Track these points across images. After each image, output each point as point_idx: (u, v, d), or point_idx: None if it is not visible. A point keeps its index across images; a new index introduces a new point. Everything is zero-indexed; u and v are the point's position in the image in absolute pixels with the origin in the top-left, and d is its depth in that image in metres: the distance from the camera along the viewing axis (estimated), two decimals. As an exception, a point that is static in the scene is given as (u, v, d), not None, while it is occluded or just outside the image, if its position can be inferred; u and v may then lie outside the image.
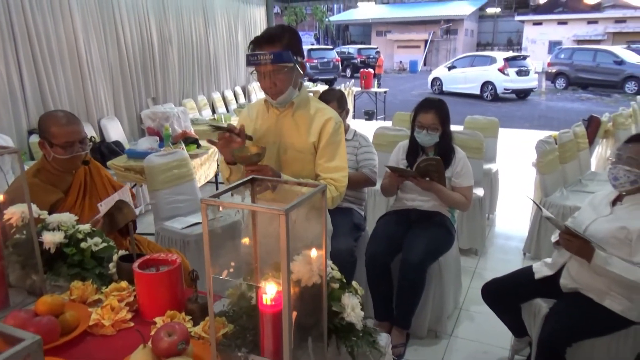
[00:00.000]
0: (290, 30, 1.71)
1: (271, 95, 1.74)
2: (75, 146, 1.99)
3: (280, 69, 1.66)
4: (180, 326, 1.11)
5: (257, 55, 1.63)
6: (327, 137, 1.78)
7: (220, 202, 0.89)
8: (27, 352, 0.48)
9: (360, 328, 1.18)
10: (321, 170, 1.80)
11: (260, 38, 1.69)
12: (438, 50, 31.79)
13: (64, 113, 2.08)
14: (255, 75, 1.72)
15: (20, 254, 1.51)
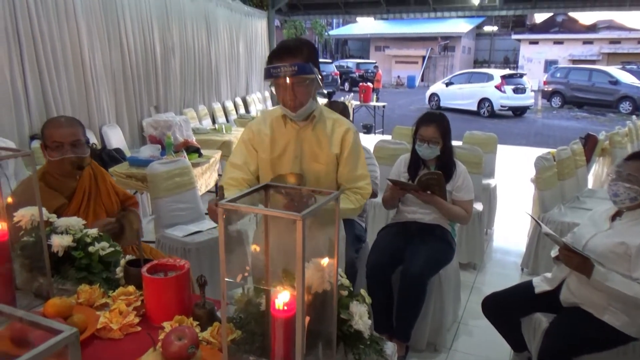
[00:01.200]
0: (309, 43, 1.71)
1: (291, 108, 1.68)
2: (64, 148, 1.96)
3: (302, 80, 1.63)
4: (190, 330, 1.13)
5: (280, 67, 1.58)
6: (349, 147, 1.77)
7: (238, 207, 0.91)
8: (65, 344, 0.50)
9: (367, 336, 1.19)
10: (345, 179, 1.80)
11: (281, 50, 1.65)
12: (436, 67, 32.09)
13: (60, 117, 2.09)
14: (274, 88, 1.69)
15: (28, 256, 1.52)
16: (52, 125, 2.00)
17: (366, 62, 25.83)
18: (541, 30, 30.75)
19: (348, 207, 1.76)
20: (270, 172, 1.78)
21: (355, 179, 1.80)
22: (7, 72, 3.74)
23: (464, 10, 10.05)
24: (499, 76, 14.76)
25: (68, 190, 2.06)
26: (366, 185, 1.82)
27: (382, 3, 10.21)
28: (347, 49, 37.54)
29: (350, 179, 1.79)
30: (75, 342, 0.50)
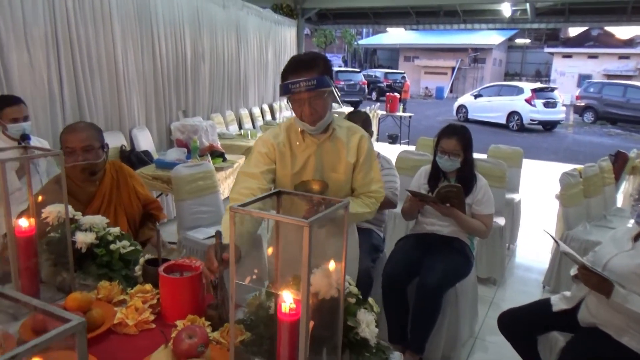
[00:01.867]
0: (323, 56, 1.73)
1: (310, 122, 1.68)
2: (75, 154, 1.97)
3: (321, 94, 1.64)
4: (201, 329, 1.16)
5: (299, 82, 1.58)
6: (364, 154, 1.80)
7: (249, 211, 0.94)
8: (72, 332, 0.53)
9: (373, 344, 1.21)
10: (359, 185, 1.82)
11: (297, 65, 1.65)
12: (465, 78, 31.78)
13: (82, 123, 2.12)
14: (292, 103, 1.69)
15: (53, 252, 1.59)
16: (67, 131, 2.02)
17: (394, 72, 25.77)
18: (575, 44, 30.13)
19: (364, 211, 1.79)
20: (290, 186, 1.78)
21: (369, 184, 1.83)
22: (44, 74, 3.90)
23: (495, 23, 9.97)
24: (530, 89, 14.54)
25: (86, 196, 2.07)
26: (379, 189, 1.85)
27: (412, 14, 10.23)
28: (376, 59, 37.56)
29: (364, 183, 1.82)
30: (82, 331, 0.54)
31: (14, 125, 2.68)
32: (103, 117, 4.56)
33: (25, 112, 2.76)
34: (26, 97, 3.61)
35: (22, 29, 3.65)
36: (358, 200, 1.83)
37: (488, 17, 9.80)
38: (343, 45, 34.38)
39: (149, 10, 5.11)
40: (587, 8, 9.09)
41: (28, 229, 1.42)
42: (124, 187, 2.22)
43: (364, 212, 1.81)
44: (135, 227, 2.28)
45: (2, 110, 2.69)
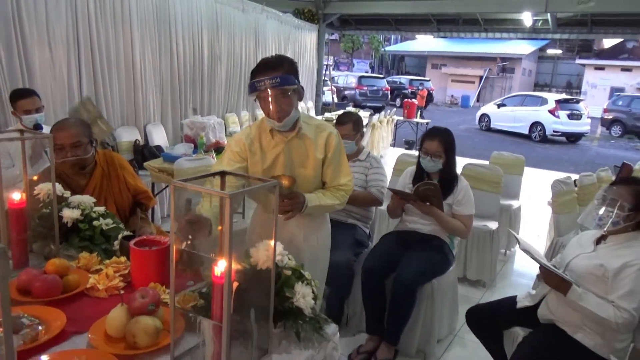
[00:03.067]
0: (288, 59, 1.85)
1: (276, 118, 1.79)
2: (64, 150, 2.06)
3: (285, 92, 1.77)
4: (154, 292, 1.32)
5: (263, 80, 1.71)
6: (332, 150, 1.91)
7: (186, 185, 1.09)
8: None
9: (308, 314, 1.34)
10: (329, 179, 1.95)
11: (262, 66, 1.78)
12: (493, 87, 31.41)
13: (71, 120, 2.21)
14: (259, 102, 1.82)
15: (44, 225, 1.77)
16: (55, 128, 2.13)
17: (419, 79, 25.75)
18: (608, 56, 29.41)
19: (332, 203, 1.92)
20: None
21: (338, 177, 1.95)
22: (64, 72, 4.17)
23: (516, 32, 9.94)
24: (554, 100, 14.34)
25: (78, 188, 2.19)
26: (348, 182, 1.97)
27: (433, 21, 10.29)
28: (403, 65, 37.50)
29: (333, 178, 1.94)
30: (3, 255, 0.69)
31: (27, 116, 2.91)
32: (119, 113, 4.82)
33: (37, 104, 2.97)
34: (46, 93, 3.89)
35: (44, 27, 3.92)
36: (328, 192, 1.96)
37: (509, 26, 9.77)
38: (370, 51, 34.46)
39: (168, 13, 5.37)
40: (610, 19, 8.98)
41: (19, 202, 1.62)
42: (115, 179, 2.33)
43: (333, 204, 1.94)
44: (125, 216, 2.41)
45: (16, 102, 2.93)
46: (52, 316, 1.33)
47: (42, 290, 1.43)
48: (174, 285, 1.17)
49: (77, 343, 1.26)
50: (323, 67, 11.04)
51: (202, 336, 1.17)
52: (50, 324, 1.29)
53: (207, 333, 1.14)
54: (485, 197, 3.83)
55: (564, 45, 31.74)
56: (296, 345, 1.31)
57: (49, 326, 1.29)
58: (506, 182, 4.32)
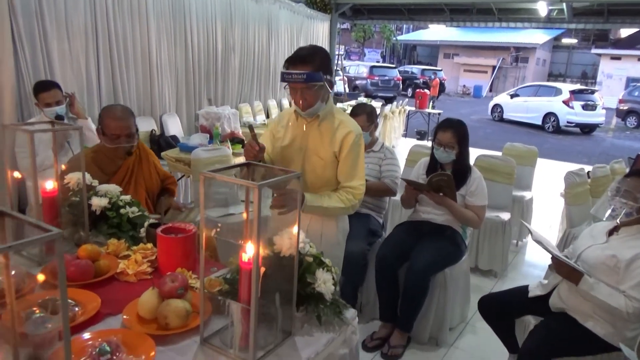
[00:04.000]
0: (322, 52, 1.92)
1: (301, 108, 1.90)
2: (120, 139, 2.31)
3: (311, 87, 1.84)
4: (182, 276, 1.39)
5: (292, 74, 1.80)
6: (347, 148, 1.94)
7: (215, 175, 1.16)
8: (51, 238, 0.75)
9: (329, 299, 1.40)
10: (342, 178, 1.98)
11: (294, 58, 1.86)
12: (506, 77, 31.08)
13: (120, 108, 2.41)
14: (288, 90, 1.93)
15: (74, 213, 1.85)
16: (110, 116, 2.33)
17: (431, 68, 25.57)
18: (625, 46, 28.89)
19: (337, 206, 1.92)
20: (281, 158, 2.02)
21: (351, 179, 1.95)
22: (83, 63, 4.24)
23: (530, 22, 9.83)
24: (568, 91, 14.20)
25: (113, 168, 2.39)
26: (359, 186, 1.96)
27: (446, 11, 10.20)
28: (415, 55, 37.22)
29: (346, 177, 1.95)
30: (59, 239, 0.76)
31: (48, 109, 2.99)
32: (136, 103, 4.90)
33: (58, 96, 3.06)
34: (65, 84, 3.97)
35: (63, 19, 3.99)
36: (335, 195, 1.96)
37: (524, 15, 9.67)
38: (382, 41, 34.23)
39: (183, 5, 5.42)
40: (627, 9, 8.85)
41: (52, 190, 1.70)
42: (146, 163, 2.54)
43: (337, 207, 1.93)
44: (153, 199, 2.58)
45: (38, 95, 3.02)
46: (87, 299, 1.41)
47: (76, 274, 1.51)
48: (203, 271, 1.24)
49: (111, 324, 1.34)
50: (335, 57, 11.03)
51: (230, 318, 1.24)
52: (85, 306, 1.37)
53: (236, 315, 1.21)
54: (498, 188, 3.86)
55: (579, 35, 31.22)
56: (317, 329, 1.38)
57: (84, 308, 1.37)
58: (519, 173, 4.34)
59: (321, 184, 1.98)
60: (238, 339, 1.22)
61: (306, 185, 1.99)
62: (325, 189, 1.98)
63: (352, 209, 1.98)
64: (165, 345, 1.25)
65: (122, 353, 1.16)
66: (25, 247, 0.68)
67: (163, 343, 1.25)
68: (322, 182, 1.98)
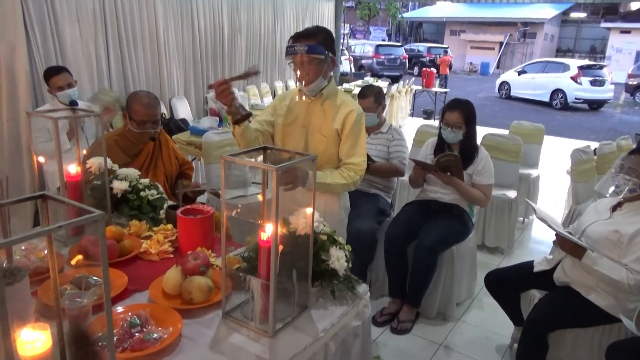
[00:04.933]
0: (325, 31, 1.98)
1: (303, 83, 1.96)
2: (147, 125, 2.40)
3: (313, 60, 1.90)
4: (204, 255, 1.47)
5: (295, 46, 1.89)
6: (349, 126, 2.01)
7: (235, 159, 1.23)
8: (95, 219, 0.82)
9: (342, 275, 1.48)
10: (344, 155, 2.04)
11: (298, 34, 1.95)
12: (513, 54, 30.70)
13: (147, 95, 2.47)
14: (292, 66, 1.99)
15: (95, 196, 1.94)
16: (138, 102, 2.40)
17: (438, 46, 25.27)
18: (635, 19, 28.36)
19: (339, 182, 1.97)
20: (282, 135, 2.09)
21: (352, 155, 2.01)
22: (92, 47, 4.30)
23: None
24: (576, 67, 14.04)
25: (135, 151, 2.49)
26: (361, 162, 2.02)
27: (452, -13, 10.07)
28: (421, 32, 36.76)
29: (347, 154, 2.02)
30: (102, 220, 0.83)
31: (61, 93, 3.05)
32: (145, 87, 4.96)
33: (69, 80, 3.12)
34: (77, 68, 4.03)
35: (74, 4, 4.03)
36: (337, 172, 2.02)
37: (532, -10, 9.54)
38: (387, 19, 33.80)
39: (189, -14, 5.43)
40: (637, -19, 8.69)
41: (75, 175, 1.77)
42: (165, 147, 2.63)
43: (339, 183, 1.98)
44: (170, 182, 2.67)
45: (49, 79, 3.07)
46: (114, 276, 1.50)
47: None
48: (224, 249, 1.31)
49: (138, 299, 1.43)
50: (341, 36, 10.96)
51: (250, 293, 1.32)
52: (113, 283, 1.46)
53: (256, 290, 1.29)
54: (505, 166, 3.91)
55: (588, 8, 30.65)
56: (332, 302, 1.46)
57: (112, 284, 1.45)
58: (525, 151, 4.38)
59: (324, 161, 2.04)
60: (258, 312, 1.30)
61: None
62: (328, 166, 2.04)
63: (353, 185, 2.03)
64: (190, 319, 1.33)
65: (150, 325, 1.25)
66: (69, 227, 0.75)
67: (188, 316, 1.34)
68: (325, 159, 2.04)
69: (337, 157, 2.06)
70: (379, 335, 2.75)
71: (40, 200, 0.92)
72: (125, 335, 1.22)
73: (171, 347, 1.21)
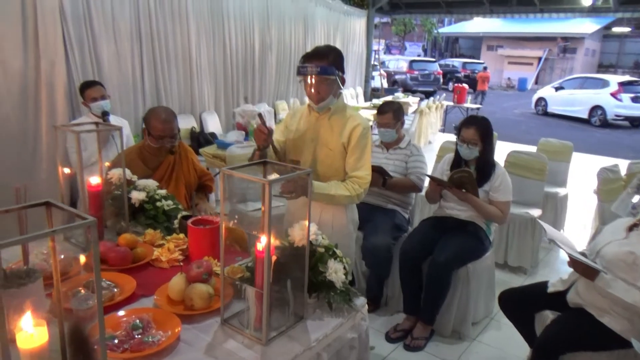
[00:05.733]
0: (336, 50, 2.05)
1: (314, 101, 2.03)
2: (165, 139, 2.51)
3: (323, 80, 1.97)
4: (207, 263, 1.54)
5: (306, 67, 1.96)
6: (355, 140, 2.05)
7: (232, 173, 1.29)
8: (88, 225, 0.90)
9: (339, 287, 1.51)
10: (349, 168, 2.09)
11: (309, 54, 2.02)
12: (553, 69, 29.99)
13: (164, 111, 2.59)
14: (303, 84, 2.05)
15: (116, 205, 2.05)
16: (156, 118, 2.51)
17: (473, 61, 25.01)
18: (684, 33, 27.32)
19: (343, 194, 2.01)
20: (293, 148, 2.15)
21: (357, 168, 2.05)
22: (129, 64, 4.52)
23: (574, 12, 9.52)
24: (616, 83, 13.61)
25: (156, 163, 2.61)
26: (365, 175, 2.05)
27: (485, 3, 10.01)
28: (457, 48, 36.45)
29: (353, 167, 2.06)
30: (94, 225, 0.90)
31: (95, 104, 3.22)
32: (177, 101, 5.16)
33: (102, 92, 3.29)
34: (112, 84, 4.25)
35: (111, 23, 4.26)
36: (342, 184, 2.05)
37: (566, 6, 9.36)
38: (423, 34, 33.73)
39: (221, 5, 5.64)
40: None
41: (97, 185, 1.89)
42: (185, 160, 2.74)
43: (342, 195, 2.01)
44: (190, 194, 2.77)
45: (84, 92, 3.25)
46: (124, 281, 1.58)
47: (116, 260, 1.69)
48: (223, 258, 1.38)
49: (145, 303, 1.51)
50: (372, 52, 11.04)
51: (247, 302, 1.38)
52: (123, 287, 1.55)
53: (251, 298, 1.35)
54: (529, 184, 3.85)
55: (632, 23, 29.68)
56: (328, 314, 1.50)
57: (122, 289, 1.54)
58: (553, 169, 4.30)
59: (331, 173, 2.09)
60: (253, 320, 1.35)
61: (317, 174, 2.11)
62: (335, 179, 2.08)
63: (357, 197, 2.06)
64: (190, 324, 1.40)
65: (152, 328, 1.33)
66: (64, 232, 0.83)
67: (188, 322, 1.40)
68: (332, 172, 2.09)
69: (344, 170, 2.10)
70: (391, 351, 2.74)
71: (45, 206, 1.00)
72: (127, 337, 1.29)
73: (168, 349, 1.27)
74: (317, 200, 1.99)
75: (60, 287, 1.08)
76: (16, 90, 3.48)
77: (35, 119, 3.63)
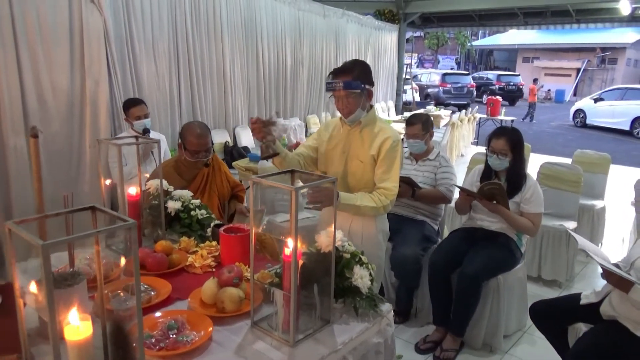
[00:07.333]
0: (362, 65, 2.12)
1: (343, 114, 2.13)
2: (200, 154, 2.63)
3: (350, 94, 2.05)
4: (238, 268, 1.61)
5: (333, 83, 2.05)
6: (384, 152, 2.10)
7: (262, 181, 1.36)
8: (128, 227, 0.98)
9: (365, 292, 1.55)
10: (377, 179, 2.13)
11: (336, 70, 2.10)
12: (592, 80, 29.19)
13: (199, 127, 2.71)
14: (333, 100, 2.15)
15: (153, 214, 2.16)
16: (191, 134, 2.63)
17: (508, 74, 24.63)
18: None
19: (369, 205, 2.05)
20: (325, 160, 2.22)
21: (384, 180, 2.09)
22: (167, 82, 4.72)
23: (613, 22, 9.31)
24: (660, 93, 13.14)
25: (191, 176, 2.73)
26: (392, 187, 2.08)
27: (519, 14, 9.93)
28: (492, 60, 36.00)
29: (380, 179, 2.10)
30: (134, 227, 0.98)
31: (138, 122, 3.39)
32: (212, 117, 5.33)
33: (145, 110, 3.45)
34: (152, 101, 4.44)
35: (151, 44, 4.48)
36: (368, 195, 2.10)
37: (604, 15, 9.17)
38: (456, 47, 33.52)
39: (255, 24, 5.83)
40: None
41: (135, 195, 2.00)
42: (218, 172, 2.86)
43: (368, 206, 2.05)
44: (223, 204, 2.89)
45: (129, 110, 3.42)
46: (161, 285, 1.67)
47: (153, 265, 1.79)
48: (253, 262, 1.44)
49: (179, 306, 1.59)
50: (404, 66, 11.08)
51: (275, 306, 1.43)
52: (159, 291, 1.63)
53: (279, 302, 1.40)
54: (563, 196, 3.79)
55: (677, 31, 28.58)
56: (354, 319, 1.53)
57: (158, 292, 1.63)
58: (590, 182, 4.21)
59: (361, 185, 2.14)
60: (281, 322, 1.41)
61: (348, 186, 2.16)
62: (364, 190, 2.13)
63: (383, 209, 2.09)
64: (221, 326, 1.46)
65: (186, 329, 1.40)
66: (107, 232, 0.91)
67: (220, 324, 1.47)
68: (362, 183, 2.14)
69: (374, 182, 2.15)
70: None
71: (91, 210, 1.10)
72: (163, 336, 1.37)
73: (201, 349, 1.34)
74: (344, 210, 2.04)
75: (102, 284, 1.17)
76: (63, 109, 3.70)
77: (80, 135, 3.84)
